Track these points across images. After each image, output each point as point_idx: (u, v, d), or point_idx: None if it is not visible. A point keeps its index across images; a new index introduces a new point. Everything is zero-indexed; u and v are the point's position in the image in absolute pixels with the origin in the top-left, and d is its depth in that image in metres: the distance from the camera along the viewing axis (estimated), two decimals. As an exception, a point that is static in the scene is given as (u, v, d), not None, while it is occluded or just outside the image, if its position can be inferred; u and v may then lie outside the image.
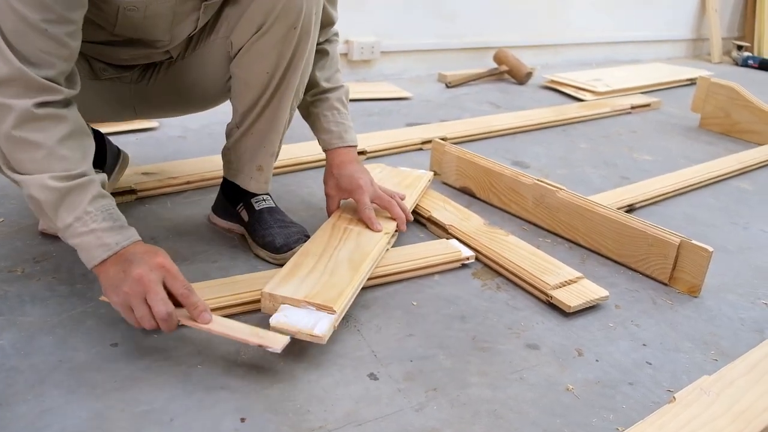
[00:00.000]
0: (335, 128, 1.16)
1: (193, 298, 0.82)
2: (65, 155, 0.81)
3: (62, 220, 0.81)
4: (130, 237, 0.84)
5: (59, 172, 0.80)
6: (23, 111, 0.78)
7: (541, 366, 0.91)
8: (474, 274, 1.13)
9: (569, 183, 1.58)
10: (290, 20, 0.96)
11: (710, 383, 0.85)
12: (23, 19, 0.76)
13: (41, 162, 0.80)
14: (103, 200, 0.83)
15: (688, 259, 1.11)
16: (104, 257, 0.81)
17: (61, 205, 0.81)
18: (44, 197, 0.81)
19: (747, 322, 1.06)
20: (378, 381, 0.85)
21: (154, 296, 0.79)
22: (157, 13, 0.92)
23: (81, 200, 0.81)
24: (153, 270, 0.80)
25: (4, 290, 0.97)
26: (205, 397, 0.80)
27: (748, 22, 3.97)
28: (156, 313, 0.79)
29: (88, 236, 0.81)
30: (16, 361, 0.83)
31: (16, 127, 0.79)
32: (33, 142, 0.80)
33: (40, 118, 0.80)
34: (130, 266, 0.80)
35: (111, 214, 0.83)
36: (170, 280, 0.81)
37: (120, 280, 0.80)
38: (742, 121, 2.11)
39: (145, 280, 0.79)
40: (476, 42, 2.83)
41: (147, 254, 0.82)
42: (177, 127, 1.75)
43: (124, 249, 0.82)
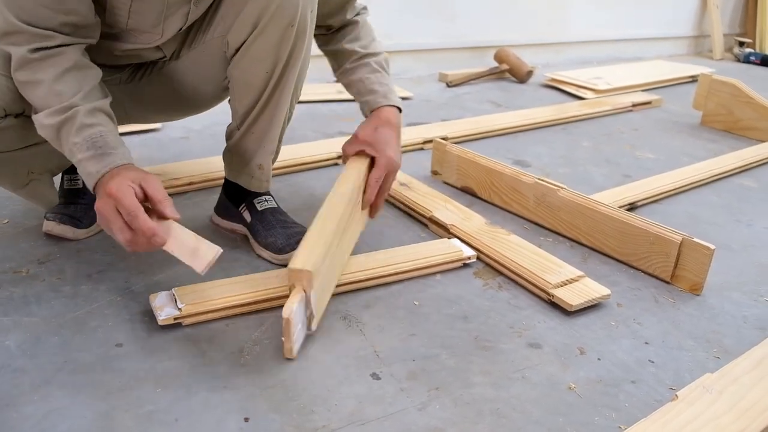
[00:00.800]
0: (380, 88, 1.13)
1: (136, 223, 0.81)
2: (60, 90, 0.86)
3: (65, 153, 0.87)
4: (109, 164, 0.85)
5: (54, 107, 0.86)
6: (20, 56, 0.85)
7: (544, 365, 0.91)
8: (476, 274, 1.14)
9: (571, 182, 1.58)
10: (287, 18, 0.96)
11: (713, 381, 0.85)
12: None
13: (43, 99, 0.86)
14: (90, 129, 0.86)
15: (690, 257, 1.11)
16: (92, 185, 0.85)
17: (58, 139, 0.87)
18: (44, 134, 0.88)
19: (750, 319, 1.06)
20: (381, 380, 0.85)
21: (113, 225, 0.82)
22: None
23: (69, 133, 0.86)
24: (105, 200, 0.82)
25: (10, 291, 0.97)
26: (210, 397, 0.80)
27: (750, 18, 3.97)
28: (119, 241, 0.83)
29: (79, 167, 0.86)
30: (22, 362, 0.83)
31: (17, 71, 0.87)
32: (33, 82, 0.86)
33: (36, 60, 0.86)
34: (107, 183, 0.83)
35: (95, 142, 0.86)
36: (120, 207, 0.82)
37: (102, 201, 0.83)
38: (744, 118, 2.11)
39: (101, 211, 0.83)
40: (477, 41, 2.83)
41: (105, 184, 0.83)
42: (180, 129, 1.75)
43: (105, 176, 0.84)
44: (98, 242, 1.13)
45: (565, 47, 3.22)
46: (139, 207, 0.82)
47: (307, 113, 2.02)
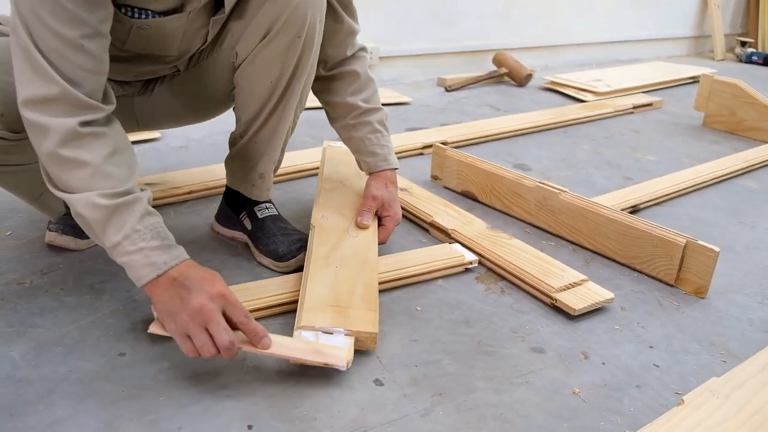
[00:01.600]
0: (380, 151, 1.17)
1: (252, 325, 0.80)
2: (111, 172, 0.81)
3: (110, 238, 0.80)
4: (178, 256, 0.82)
5: (106, 190, 0.79)
6: (68, 130, 0.78)
7: (547, 369, 0.91)
8: (478, 279, 1.13)
9: (572, 185, 1.58)
10: (295, 29, 0.97)
11: (719, 385, 0.85)
12: (60, 36, 0.76)
13: (88, 180, 0.80)
14: (150, 218, 0.82)
15: (694, 260, 1.11)
16: (152, 277, 0.80)
17: (109, 222, 0.80)
18: (92, 215, 0.80)
19: (755, 322, 1.06)
20: (383, 387, 0.85)
21: (216, 326, 0.78)
22: (168, 32, 0.93)
23: (129, 218, 0.80)
24: (213, 299, 0.79)
25: (14, 302, 0.98)
26: (213, 405, 0.80)
27: (751, 17, 3.97)
28: (219, 343, 0.77)
29: (136, 255, 0.80)
30: (26, 372, 0.83)
31: (62, 146, 0.79)
32: (78, 161, 0.79)
33: (84, 136, 0.80)
34: (188, 294, 0.78)
35: (159, 233, 0.82)
36: (230, 308, 0.80)
37: (178, 307, 0.79)
38: (746, 119, 2.10)
39: (206, 310, 0.78)
40: (475, 45, 2.84)
41: (205, 281, 0.80)
42: (179, 138, 1.76)
43: (173, 269, 0.81)
44: (100, 252, 1.13)
45: (563, 50, 3.22)
46: (234, 340, 0.78)
47: (305, 120, 2.02)
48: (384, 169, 1.17)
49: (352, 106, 1.16)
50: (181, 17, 0.91)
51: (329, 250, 1.05)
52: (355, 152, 1.20)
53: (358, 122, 1.16)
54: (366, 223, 1.13)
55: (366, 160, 1.18)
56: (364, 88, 1.17)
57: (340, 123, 1.18)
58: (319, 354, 0.84)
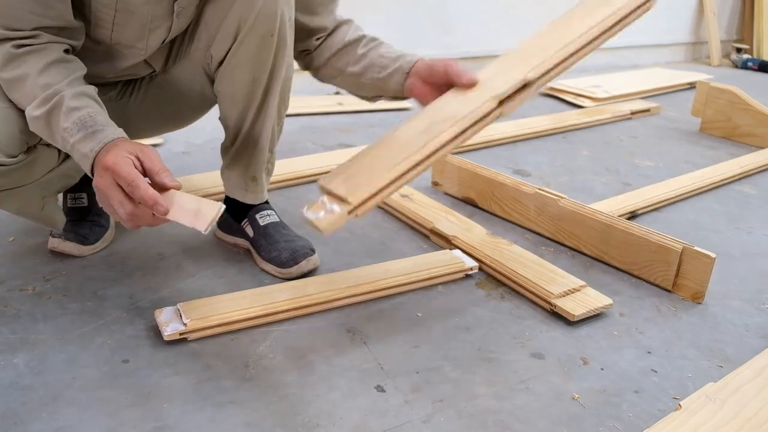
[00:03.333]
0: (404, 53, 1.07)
1: (137, 193, 0.79)
2: (47, 82, 0.83)
3: (58, 143, 0.84)
4: (102, 139, 0.82)
5: (39, 98, 0.83)
6: (4, 53, 0.83)
7: (547, 375, 0.91)
8: (478, 285, 1.14)
9: (571, 190, 1.59)
10: (265, 28, 0.96)
11: (716, 390, 0.86)
12: None
13: (28, 94, 0.84)
14: (77, 112, 0.83)
15: (692, 266, 1.12)
16: (89, 167, 0.82)
17: (50, 129, 0.83)
18: (35, 127, 0.84)
19: (752, 328, 1.07)
20: (385, 393, 0.86)
21: (113, 200, 0.80)
22: (130, 8, 0.91)
23: (58, 120, 0.83)
24: (103, 175, 0.80)
25: (17, 309, 0.98)
26: (216, 412, 0.81)
27: (747, 24, 3.99)
28: (120, 216, 0.81)
29: (73, 152, 0.83)
30: (29, 380, 0.84)
31: (3, 70, 0.84)
32: (19, 78, 0.84)
33: (20, 55, 0.84)
34: (95, 177, 0.81)
35: (84, 123, 0.82)
36: (117, 179, 0.79)
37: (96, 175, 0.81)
38: (743, 125, 2.12)
39: (100, 187, 0.80)
40: (474, 51, 2.85)
41: (102, 159, 0.80)
42: (181, 143, 1.77)
43: (100, 153, 0.81)
44: (103, 259, 1.14)
45: (563, 56, 3.23)
46: (139, 176, 0.79)
47: (307, 126, 2.04)
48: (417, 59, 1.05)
49: (356, 40, 1.09)
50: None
51: None
52: (380, 71, 1.06)
53: (369, 48, 1.09)
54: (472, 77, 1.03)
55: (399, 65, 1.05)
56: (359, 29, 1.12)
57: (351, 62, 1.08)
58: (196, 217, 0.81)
